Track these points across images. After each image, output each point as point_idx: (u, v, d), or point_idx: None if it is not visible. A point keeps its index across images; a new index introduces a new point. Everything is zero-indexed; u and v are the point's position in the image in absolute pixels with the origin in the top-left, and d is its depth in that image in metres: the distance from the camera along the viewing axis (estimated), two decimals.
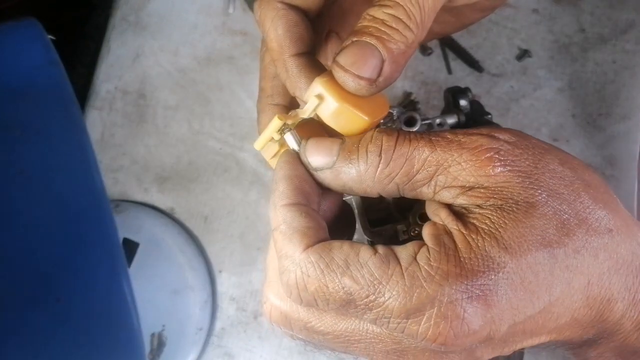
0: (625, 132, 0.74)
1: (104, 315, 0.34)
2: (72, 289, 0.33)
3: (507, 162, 0.36)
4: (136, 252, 0.71)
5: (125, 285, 0.34)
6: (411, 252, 0.36)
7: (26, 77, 0.38)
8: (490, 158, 0.36)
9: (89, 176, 0.35)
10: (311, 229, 0.37)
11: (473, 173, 0.36)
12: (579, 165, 0.39)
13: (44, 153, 0.36)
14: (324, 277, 0.35)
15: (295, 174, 0.39)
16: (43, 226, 0.34)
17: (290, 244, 0.37)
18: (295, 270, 0.36)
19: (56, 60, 0.39)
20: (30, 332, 0.32)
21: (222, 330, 0.72)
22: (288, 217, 0.38)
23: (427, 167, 0.37)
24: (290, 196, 0.38)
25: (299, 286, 0.36)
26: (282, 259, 0.37)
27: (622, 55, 0.77)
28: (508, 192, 0.36)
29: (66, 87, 0.38)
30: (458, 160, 0.37)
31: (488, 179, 0.36)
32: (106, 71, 0.79)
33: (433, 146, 0.37)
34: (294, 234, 0.37)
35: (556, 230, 0.36)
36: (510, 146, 0.37)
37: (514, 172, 0.36)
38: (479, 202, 0.36)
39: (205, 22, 0.81)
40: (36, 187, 0.34)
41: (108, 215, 0.35)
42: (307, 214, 0.38)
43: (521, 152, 0.37)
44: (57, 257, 0.33)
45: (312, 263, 0.36)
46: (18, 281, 0.32)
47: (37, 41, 0.39)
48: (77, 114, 0.38)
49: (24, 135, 0.36)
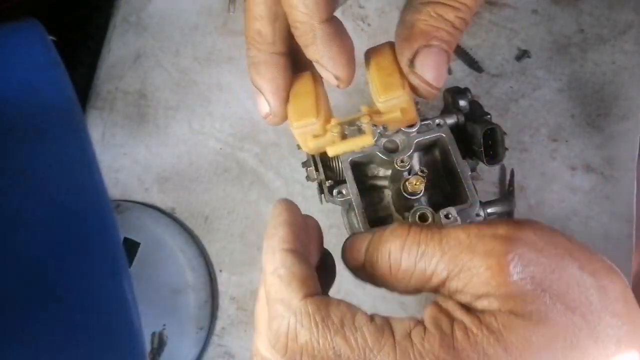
0: (625, 132, 0.74)
1: (105, 315, 0.34)
2: (73, 288, 0.33)
3: (522, 270, 0.34)
4: (137, 252, 0.71)
5: (126, 284, 0.34)
6: (407, 327, 0.35)
7: (27, 78, 0.38)
8: (504, 268, 0.34)
9: (90, 176, 0.35)
10: (310, 279, 0.36)
11: (484, 282, 0.34)
12: (601, 268, 0.36)
13: (44, 153, 0.36)
14: (317, 331, 0.34)
15: (296, 222, 0.39)
16: (44, 226, 0.34)
17: (288, 289, 0.35)
18: (289, 318, 0.35)
19: (57, 61, 0.39)
20: (30, 332, 0.32)
21: (223, 329, 0.72)
22: (288, 262, 0.36)
23: (439, 273, 0.36)
24: (292, 242, 0.37)
25: (289, 335, 0.34)
26: (275, 303, 0.36)
27: (621, 55, 0.77)
28: (520, 300, 0.34)
29: (67, 87, 0.38)
30: (469, 266, 0.35)
31: (499, 289, 0.34)
32: (107, 71, 0.80)
33: (443, 250, 0.36)
34: (293, 280, 0.36)
35: (564, 342, 0.34)
36: (527, 249, 0.35)
37: (528, 279, 0.34)
38: (489, 308, 0.34)
39: (206, 22, 0.81)
40: (37, 187, 0.34)
41: (109, 215, 0.35)
42: (306, 262, 0.37)
43: (538, 255, 0.35)
44: (58, 257, 0.34)
45: (308, 314, 0.34)
46: (19, 281, 0.32)
47: (38, 42, 0.39)
48: (78, 114, 0.38)
49: (25, 136, 0.36)
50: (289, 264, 0.36)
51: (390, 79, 0.40)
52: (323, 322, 0.34)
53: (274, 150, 0.76)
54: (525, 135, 0.75)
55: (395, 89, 0.40)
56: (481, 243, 0.35)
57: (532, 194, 0.73)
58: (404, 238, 0.37)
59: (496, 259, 0.34)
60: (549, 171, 0.74)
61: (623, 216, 0.72)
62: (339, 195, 0.57)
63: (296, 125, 0.42)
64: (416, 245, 0.36)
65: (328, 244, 0.73)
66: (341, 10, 0.80)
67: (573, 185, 0.73)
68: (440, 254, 0.36)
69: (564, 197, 0.73)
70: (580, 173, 0.74)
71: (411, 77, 0.40)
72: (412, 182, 0.51)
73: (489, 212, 0.57)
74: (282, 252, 0.37)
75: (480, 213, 0.54)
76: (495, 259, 0.34)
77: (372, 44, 0.79)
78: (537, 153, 0.74)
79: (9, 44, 0.39)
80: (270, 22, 0.39)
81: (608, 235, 0.72)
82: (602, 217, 0.72)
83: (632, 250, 0.71)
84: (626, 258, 0.71)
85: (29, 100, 0.37)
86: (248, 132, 0.77)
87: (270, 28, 0.40)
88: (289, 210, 0.39)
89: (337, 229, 0.73)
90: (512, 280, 0.34)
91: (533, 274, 0.34)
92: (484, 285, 0.34)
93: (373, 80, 0.41)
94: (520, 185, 0.73)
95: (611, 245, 0.71)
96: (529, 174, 0.74)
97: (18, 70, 0.38)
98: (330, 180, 0.59)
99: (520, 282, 0.34)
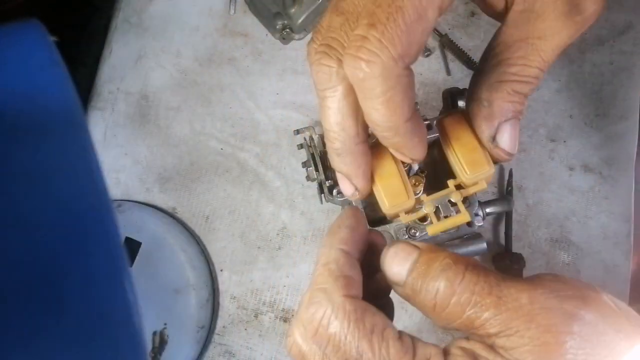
0: (623, 132, 0.75)
1: (106, 314, 0.34)
2: (74, 288, 0.34)
3: (576, 353, 0.32)
4: (138, 251, 0.71)
5: (127, 284, 0.34)
6: (428, 353, 0.35)
7: (29, 79, 0.38)
8: (561, 347, 0.32)
9: (92, 176, 0.36)
10: (356, 282, 0.38)
11: (534, 354, 0.33)
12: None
13: (46, 153, 0.36)
14: (347, 328, 0.35)
15: (359, 230, 0.40)
16: (45, 226, 0.34)
17: (334, 283, 0.37)
18: (326, 307, 0.36)
19: (59, 62, 0.39)
20: (31, 332, 0.32)
21: (223, 328, 0.72)
22: (341, 261, 0.38)
23: (488, 328, 0.34)
24: (350, 245, 0.39)
25: (322, 322, 0.36)
26: (319, 291, 0.37)
27: (619, 56, 0.77)
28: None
29: (69, 88, 0.38)
30: (523, 334, 0.33)
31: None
32: (108, 72, 0.80)
33: (499, 309, 0.34)
34: (340, 276, 0.37)
35: None
36: (589, 331, 0.33)
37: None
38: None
39: (207, 23, 0.81)
40: (38, 187, 0.35)
41: (110, 214, 0.35)
42: (357, 267, 0.38)
43: (598, 339, 0.33)
44: (59, 257, 0.34)
45: (344, 310, 0.36)
46: (20, 281, 0.32)
47: (40, 42, 0.40)
48: (79, 115, 0.38)
49: (26, 136, 0.36)
50: (341, 263, 0.38)
51: (475, 155, 0.43)
52: (355, 322, 0.35)
53: (274, 151, 0.76)
54: (524, 136, 0.75)
55: (482, 165, 0.43)
56: (543, 315, 0.33)
57: (531, 193, 0.74)
58: (457, 282, 0.36)
59: (555, 337, 0.33)
60: (547, 171, 0.74)
61: (621, 216, 0.72)
62: (339, 195, 0.57)
63: (390, 207, 0.44)
64: (469, 295, 0.35)
65: None
66: None
67: (571, 185, 0.74)
68: (495, 312, 0.34)
69: (562, 197, 0.73)
70: (579, 173, 0.74)
71: (494, 151, 0.42)
72: (412, 182, 0.51)
73: (488, 212, 0.57)
74: (338, 251, 0.38)
75: (479, 213, 0.55)
76: (554, 337, 0.33)
77: None
78: (535, 153, 0.75)
79: (11, 44, 0.39)
80: (352, 117, 0.40)
81: (606, 235, 0.72)
82: (601, 217, 0.73)
83: (630, 250, 0.72)
84: (625, 258, 0.71)
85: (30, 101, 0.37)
86: (249, 133, 0.77)
87: (354, 122, 0.40)
88: (356, 217, 0.41)
89: None
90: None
91: (585, 357, 0.32)
92: (532, 355, 0.33)
93: (455, 157, 0.44)
94: (518, 185, 0.74)
95: (610, 245, 0.72)
96: (527, 174, 0.74)
97: (19, 71, 0.38)
98: (330, 180, 0.59)
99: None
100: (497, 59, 0.40)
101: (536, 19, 0.38)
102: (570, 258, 0.72)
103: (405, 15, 0.34)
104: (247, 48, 0.80)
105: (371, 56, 0.34)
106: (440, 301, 0.36)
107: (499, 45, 0.40)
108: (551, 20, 0.38)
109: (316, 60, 0.38)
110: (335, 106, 0.39)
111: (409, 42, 0.34)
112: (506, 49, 0.40)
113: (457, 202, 0.44)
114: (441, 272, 0.36)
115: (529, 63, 0.39)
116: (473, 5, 0.80)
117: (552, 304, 0.34)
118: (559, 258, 0.71)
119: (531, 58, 0.39)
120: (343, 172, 0.44)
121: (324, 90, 0.39)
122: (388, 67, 0.35)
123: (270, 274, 0.73)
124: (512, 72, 0.39)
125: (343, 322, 0.35)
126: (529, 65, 0.39)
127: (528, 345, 0.33)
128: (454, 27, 0.79)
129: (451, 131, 0.45)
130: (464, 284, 0.35)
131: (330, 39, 0.38)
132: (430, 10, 0.35)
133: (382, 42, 0.34)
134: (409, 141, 0.40)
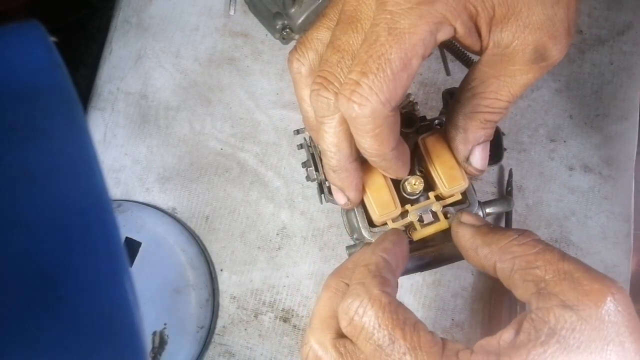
0: (623, 132, 0.75)
1: (106, 314, 0.34)
2: (74, 288, 0.33)
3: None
4: (138, 252, 0.72)
5: (127, 284, 0.34)
6: (457, 347, 0.39)
7: (29, 79, 0.38)
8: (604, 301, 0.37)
9: (92, 176, 0.36)
10: (393, 286, 0.42)
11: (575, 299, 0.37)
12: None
13: (46, 154, 0.36)
14: (382, 316, 0.39)
15: (402, 248, 0.46)
16: (46, 226, 0.34)
17: (372, 279, 0.41)
18: (363, 298, 0.39)
19: (59, 62, 0.39)
20: (32, 332, 0.32)
21: (223, 328, 0.72)
22: (381, 264, 0.43)
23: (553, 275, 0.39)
24: (390, 256, 0.44)
25: (357, 311, 0.39)
26: (357, 285, 0.41)
27: (619, 56, 0.77)
28: None
29: (69, 88, 0.38)
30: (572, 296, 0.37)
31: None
32: (108, 72, 0.80)
33: (555, 260, 0.39)
34: (378, 275, 0.41)
35: None
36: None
37: None
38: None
39: (207, 23, 0.81)
40: (39, 187, 0.35)
41: (110, 215, 0.35)
42: (394, 276, 0.43)
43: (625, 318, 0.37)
44: (59, 257, 0.34)
45: (380, 301, 0.39)
46: (20, 281, 0.32)
47: (40, 43, 0.40)
48: (79, 115, 0.38)
49: (27, 136, 0.36)
50: (381, 266, 0.42)
51: (453, 172, 0.50)
52: (390, 313, 0.39)
53: (274, 151, 0.76)
54: (524, 136, 0.75)
55: (458, 180, 0.50)
56: (593, 293, 0.37)
57: (531, 194, 0.74)
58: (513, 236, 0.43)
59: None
60: (547, 171, 0.74)
61: (621, 216, 0.72)
62: None
63: (380, 215, 0.50)
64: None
65: (328, 243, 0.73)
66: None
67: (571, 185, 0.74)
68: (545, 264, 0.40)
69: (562, 197, 0.73)
70: (579, 173, 0.74)
71: (468, 169, 0.49)
72: (412, 182, 0.51)
73: (488, 212, 0.57)
74: (379, 257, 0.43)
75: (479, 213, 0.55)
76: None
77: None
78: (535, 153, 0.75)
79: (10, 45, 0.39)
80: (347, 140, 0.45)
81: (606, 235, 0.72)
82: (601, 217, 0.73)
83: (630, 250, 0.72)
84: (625, 258, 0.71)
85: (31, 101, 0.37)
86: (248, 133, 0.77)
87: (348, 145, 0.46)
88: (400, 237, 0.46)
89: (337, 229, 0.74)
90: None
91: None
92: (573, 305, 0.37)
93: (436, 172, 0.50)
94: (518, 185, 0.74)
95: (609, 245, 0.72)
96: (527, 174, 0.74)
97: (19, 72, 0.38)
98: None
99: None
100: (472, 92, 0.46)
101: (507, 62, 0.43)
102: None
103: (392, 66, 0.39)
104: (247, 48, 0.80)
105: (362, 100, 0.40)
106: (515, 243, 0.42)
107: (474, 80, 0.46)
108: (519, 64, 0.43)
109: (315, 90, 0.44)
110: (332, 131, 0.45)
111: (395, 87, 0.40)
112: (480, 83, 0.45)
113: (437, 211, 0.51)
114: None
115: (499, 97, 0.45)
116: None
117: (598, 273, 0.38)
118: None
119: (502, 93, 0.45)
120: (337, 185, 0.50)
121: (322, 117, 0.45)
122: (377, 110, 0.40)
123: (270, 274, 0.73)
124: (485, 104, 0.45)
125: (377, 313, 0.39)
126: (500, 99, 0.45)
127: (578, 290, 0.37)
128: None
129: (432, 150, 0.51)
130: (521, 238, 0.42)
131: (328, 73, 0.43)
132: (414, 59, 0.40)
133: (372, 89, 0.39)
134: (394, 165, 0.46)
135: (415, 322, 0.39)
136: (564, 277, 0.38)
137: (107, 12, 0.83)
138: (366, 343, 0.39)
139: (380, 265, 0.43)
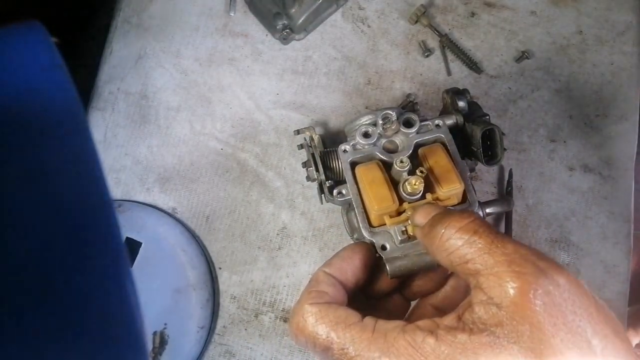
0: (623, 132, 0.75)
1: (107, 314, 0.34)
2: (75, 288, 0.33)
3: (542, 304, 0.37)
4: (138, 252, 0.72)
5: (128, 284, 0.34)
6: (388, 326, 0.42)
7: (30, 79, 0.38)
8: (526, 294, 0.38)
9: (92, 176, 0.36)
10: (331, 295, 0.47)
11: (505, 295, 0.38)
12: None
13: (47, 154, 0.36)
14: (315, 325, 0.44)
15: (354, 262, 0.50)
16: (46, 226, 0.34)
17: (306, 296, 0.47)
18: (298, 314, 0.45)
19: (60, 63, 0.39)
20: (32, 332, 0.32)
21: (224, 328, 0.72)
22: (320, 279, 0.48)
23: (476, 263, 0.40)
24: (333, 269, 0.49)
25: (298, 327, 0.45)
26: (295, 305, 0.47)
27: (619, 56, 0.77)
28: None
29: (70, 89, 0.38)
30: (501, 275, 0.39)
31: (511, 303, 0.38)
32: (109, 72, 0.80)
33: (489, 249, 0.40)
34: (313, 291, 0.47)
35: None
36: (555, 290, 0.38)
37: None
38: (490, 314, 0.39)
39: (207, 24, 0.81)
40: (40, 187, 0.35)
41: (111, 215, 0.35)
42: (335, 285, 0.48)
43: (560, 303, 0.38)
44: (60, 257, 0.34)
45: (310, 313, 0.45)
46: (21, 281, 0.32)
47: (41, 44, 0.40)
48: (80, 115, 0.38)
49: (28, 137, 0.36)
50: (319, 280, 0.48)
51: (449, 175, 0.53)
52: (321, 319, 0.44)
53: (274, 151, 0.76)
54: (524, 136, 0.75)
55: (454, 182, 0.53)
56: (518, 263, 0.39)
57: (531, 194, 0.74)
58: (461, 224, 0.43)
59: (523, 285, 0.38)
60: (547, 171, 0.74)
61: (621, 216, 0.72)
62: (339, 195, 0.57)
63: (378, 209, 0.52)
64: (469, 235, 0.42)
65: (328, 243, 0.73)
66: (341, 12, 0.81)
67: (571, 185, 0.74)
68: (484, 251, 0.41)
69: (562, 197, 0.73)
70: (579, 173, 0.74)
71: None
72: (412, 182, 0.51)
73: (488, 212, 0.58)
74: (320, 272, 0.49)
75: (479, 213, 0.55)
76: (522, 283, 0.38)
77: (371, 45, 0.79)
78: (535, 153, 0.75)
79: (11, 45, 0.39)
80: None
81: (606, 235, 0.72)
82: (600, 217, 0.73)
83: (630, 250, 0.72)
84: (625, 258, 0.71)
85: (31, 102, 0.37)
86: (249, 133, 0.77)
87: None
88: (352, 252, 0.51)
89: (337, 229, 0.74)
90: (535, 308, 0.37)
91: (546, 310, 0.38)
92: (505, 297, 0.38)
93: (433, 174, 0.53)
94: (518, 185, 0.74)
95: (609, 245, 0.72)
96: (527, 174, 0.74)
97: (20, 72, 0.38)
98: (330, 180, 0.59)
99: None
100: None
101: None
102: (570, 258, 0.72)
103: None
104: (247, 48, 0.80)
105: None
106: (444, 239, 0.43)
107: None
108: None
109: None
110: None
111: None
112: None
113: None
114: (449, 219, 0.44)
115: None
116: (473, 5, 0.80)
117: (530, 258, 0.39)
118: (559, 258, 0.72)
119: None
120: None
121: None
122: None
123: (270, 274, 0.73)
124: None
125: (311, 322, 0.44)
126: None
127: (502, 287, 0.38)
128: (454, 27, 0.79)
129: (430, 156, 0.55)
130: (464, 229, 0.42)
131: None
132: None
133: None
134: None
135: (347, 316, 0.44)
136: (490, 272, 0.39)
137: (107, 13, 0.83)
138: (315, 351, 0.44)
139: (320, 279, 0.48)
